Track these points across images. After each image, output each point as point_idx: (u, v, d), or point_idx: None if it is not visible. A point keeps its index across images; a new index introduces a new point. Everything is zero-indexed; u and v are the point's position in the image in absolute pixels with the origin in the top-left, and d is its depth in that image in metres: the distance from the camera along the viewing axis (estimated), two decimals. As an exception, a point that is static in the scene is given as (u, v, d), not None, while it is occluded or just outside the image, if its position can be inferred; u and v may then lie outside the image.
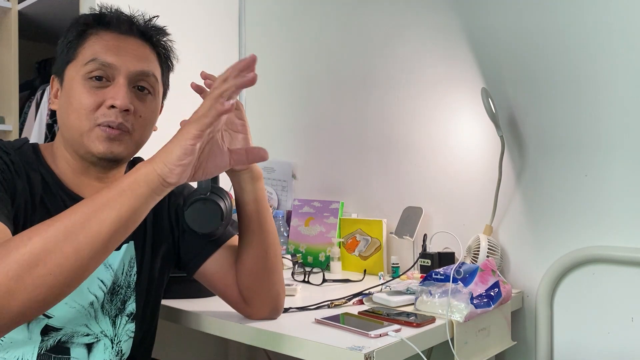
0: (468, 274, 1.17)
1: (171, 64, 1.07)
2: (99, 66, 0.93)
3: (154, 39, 1.01)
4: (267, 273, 1.03)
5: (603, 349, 1.30)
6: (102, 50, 0.94)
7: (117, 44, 0.96)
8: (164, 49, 1.04)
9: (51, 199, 0.92)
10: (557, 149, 1.39)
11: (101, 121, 0.92)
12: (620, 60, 1.29)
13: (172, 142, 0.78)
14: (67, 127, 0.94)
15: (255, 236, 1.01)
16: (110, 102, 0.92)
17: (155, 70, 1.00)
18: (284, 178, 2.01)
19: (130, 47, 0.97)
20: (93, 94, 0.93)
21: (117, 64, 0.94)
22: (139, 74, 0.96)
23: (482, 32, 1.53)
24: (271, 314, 1.07)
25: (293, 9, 2.03)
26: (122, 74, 0.94)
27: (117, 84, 0.93)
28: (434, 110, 1.62)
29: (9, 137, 2.22)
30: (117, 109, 0.92)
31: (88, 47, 0.95)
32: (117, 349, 0.99)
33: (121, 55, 0.95)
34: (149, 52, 1.00)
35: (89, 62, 0.93)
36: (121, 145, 0.95)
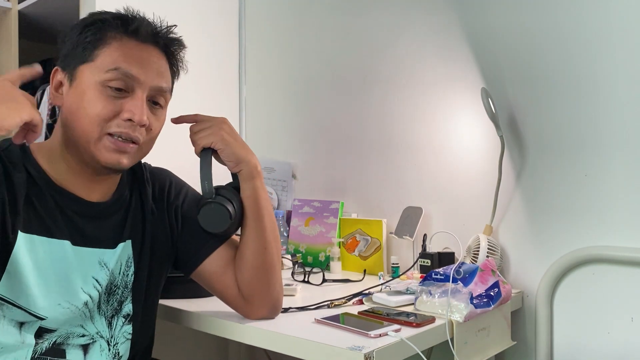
0: (468, 274, 1.17)
1: (178, 74, 1.06)
2: (121, 76, 0.91)
3: (171, 51, 1.00)
4: (266, 269, 1.04)
5: (603, 349, 1.30)
6: (125, 60, 0.91)
7: (140, 55, 0.93)
8: (177, 60, 1.03)
9: (39, 196, 0.91)
10: (557, 149, 1.39)
11: (114, 131, 0.91)
12: (620, 60, 1.29)
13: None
14: (74, 130, 0.92)
15: (253, 231, 1.04)
16: (128, 115, 0.91)
17: (170, 85, 1.00)
18: (284, 178, 2.01)
19: (152, 60, 0.95)
20: (110, 103, 0.91)
21: (141, 77, 0.92)
22: (158, 90, 0.96)
23: (482, 32, 1.53)
24: (270, 313, 1.07)
25: (293, 9, 2.03)
26: (142, 88, 0.93)
27: (136, 97, 0.92)
28: (434, 110, 1.62)
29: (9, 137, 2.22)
30: (135, 123, 0.91)
31: (109, 53, 0.92)
32: (114, 351, 0.98)
33: (144, 68, 0.93)
34: (166, 64, 0.99)
35: (110, 70, 0.91)
36: (129, 157, 0.94)
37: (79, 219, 0.95)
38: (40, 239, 0.90)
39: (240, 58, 2.18)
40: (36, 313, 0.89)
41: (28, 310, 0.88)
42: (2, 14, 2.24)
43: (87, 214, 0.96)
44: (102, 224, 0.98)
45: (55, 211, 0.92)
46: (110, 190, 1.01)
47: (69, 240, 0.93)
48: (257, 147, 2.12)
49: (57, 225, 0.92)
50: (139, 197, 1.05)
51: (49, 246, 0.91)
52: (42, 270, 0.90)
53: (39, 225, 0.90)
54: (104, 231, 0.98)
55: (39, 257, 0.89)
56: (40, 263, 0.89)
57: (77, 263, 0.93)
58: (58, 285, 0.91)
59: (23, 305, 0.88)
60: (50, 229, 0.91)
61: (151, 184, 1.08)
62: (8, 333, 0.88)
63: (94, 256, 0.96)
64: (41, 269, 0.89)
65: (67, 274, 0.92)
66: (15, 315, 0.88)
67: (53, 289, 0.91)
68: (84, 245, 0.94)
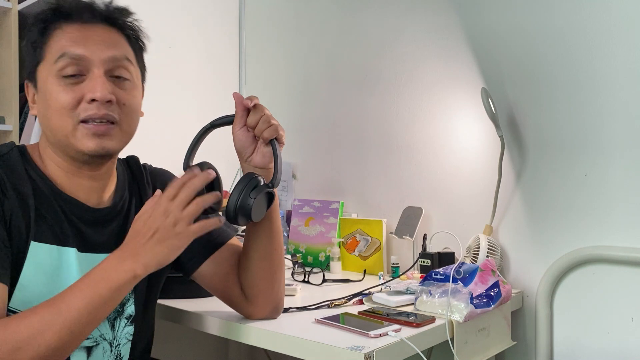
0: (468, 274, 1.17)
1: (142, 44, 1.02)
2: (70, 61, 0.89)
3: (119, 21, 0.97)
4: (273, 270, 1.04)
5: (603, 349, 1.30)
6: (69, 44, 0.90)
7: (83, 34, 0.91)
8: (132, 29, 0.98)
9: (45, 204, 0.90)
10: (557, 149, 1.39)
11: (83, 117, 0.89)
12: (620, 60, 1.29)
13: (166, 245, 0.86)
14: (51, 130, 0.91)
15: (266, 235, 1.02)
16: (90, 95, 0.88)
17: (128, 54, 0.95)
18: (284, 178, 2.01)
19: (97, 35, 0.92)
20: (70, 90, 0.89)
21: (88, 54, 0.90)
22: (112, 60, 0.92)
23: (482, 32, 1.53)
24: (272, 313, 1.07)
25: (293, 9, 2.03)
26: (95, 65, 0.90)
27: (92, 76, 0.90)
28: (434, 110, 1.62)
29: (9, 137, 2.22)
30: (99, 101, 0.89)
31: (54, 43, 0.91)
32: (116, 352, 0.98)
33: (89, 45, 0.90)
34: (117, 36, 0.95)
35: (58, 58, 0.89)
36: (112, 139, 0.92)
37: (82, 226, 0.94)
38: (51, 247, 0.89)
39: (240, 58, 2.18)
40: None
41: None
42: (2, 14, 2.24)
43: (89, 220, 0.96)
44: (104, 229, 0.98)
45: (62, 218, 0.92)
46: (108, 191, 1.00)
47: (76, 247, 0.93)
48: (257, 147, 2.13)
49: (64, 232, 0.92)
50: (139, 199, 1.05)
51: (58, 254, 0.90)
52: (52, 279, 0.89)
53: (49, 234, 0.90)
54: (106, 236, 0.97)
55: (49, 266, 0.89)
56: (50, 272, 0.89)
57: (82, 269, 0.92)
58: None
59: None
60: (59, 237, 0.91)
61: (152, 185, 1.08)
62: None
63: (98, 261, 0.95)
64: (50, 278, 0.89)
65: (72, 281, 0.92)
66: None
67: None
68: (88, 252, 0.94)
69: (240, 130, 1.02)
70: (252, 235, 1.03)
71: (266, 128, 0.99)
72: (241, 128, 1.02)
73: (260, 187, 0.97)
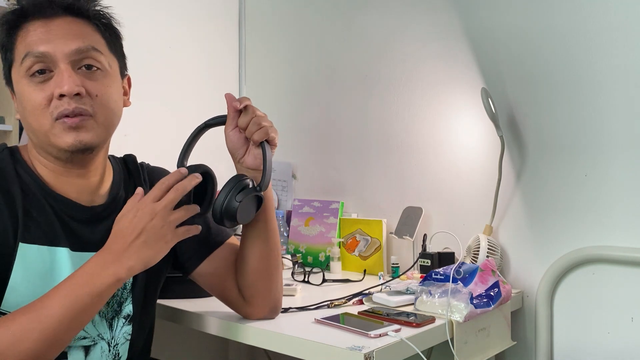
0: (468, 274, 1.17)
1: (116, 32, 0.98)
2: (34, 59, 0.88)
3: (84, 11, 0.93)
4: (270, 272, 1.03)
5: (603, 349, 1.30)
6: (32, 42, 0.89)
7: (45, 30, 0.90)
8: (100, 17, 0.95)
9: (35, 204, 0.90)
10: (557, 149, 1.39)
11: (56, 114, 0.88)
12: (620, 60, 1.29)
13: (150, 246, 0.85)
14: (32, 132, 0.91)
15: (263, 235, 1.02)
16: (57, 91, 0.87)
17: (96, 43, 0.93)
18: (284, 178, 2.01)
19: (59, 29, 0.90)
20: (40, 89, 0.88)
21: (50, 50, 0.88)
22: (76, 53, 0.90)
23: (482, 32, 1.52)
24: (270, 313, 1.07)
25: (293, 9, 2.03)
26: (59, 59, 0.89)
27: (59, 71, 0.88)
28: (434, 110, 1.62)
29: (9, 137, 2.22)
30: (67, 95, 0.87)
31: (19, 44, 0.90)
32: (114, 352, 0.98)
33: (51, 40, 0.89)
34: (83, 26, 0.92)
35: (23, 58, 0.88)
36: (88, 132, 0.90)
37: (75, 224, 0.94)
38: (41, 248, 0.89)
39: (240, 58, 2.18)
40: None
41: None
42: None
43: (82, 219, 0.95)
44: (98, 228, 0.96)
45: (53, 218, 0.91)
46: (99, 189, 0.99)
47: (68, 246, 0.92)
48: (257, 147, 2.13)
49: (55, 232, 0.91)
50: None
51: (49, 255, 0.90)
52: (45, 279, 0.88)
53: (38, 234, 0.89)
54: (100, 234, 0.96)
55: (41, 266, 0.88)
56: (43, 273, 0.89)
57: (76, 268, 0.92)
58: None
59: None
60: (50, 237, 0.90)
61: (149, 183, 1.08)
62: None
63: None
64: (44, 278, 0.88)
65: None
66: None
67: None
68: (82, 250, 0.93)
69: (232, 132, 1.01)
70: (247, 237, 1.03)
71: (256, 130, 0.98)
72: (233, 129, 1.01)
73: (248, 190, 0.96)
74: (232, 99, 1.00)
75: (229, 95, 1.01)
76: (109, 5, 0.97)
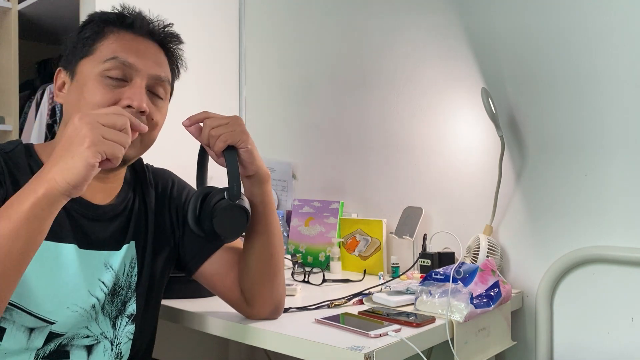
0: (468, 274, 1.17)
1: (178, 72, 1.06)
2: (119, 65, 0.92)
3: (169, 46, 1.01)
4: (271, 274, 1.03)
5: (603, 349, 1.30)
6: (123, 50, 0.93)
7: (137, 46, 0.95)
8: (176, 57, 1.04)
9: None
10: (557, 149, 1.39)
11: None
12: (620, 60, 1.29)
13: (72, 155, 0.74)
14: None
15: (263, 238, 1.02)
16: (127, 102, 0.91)
17: (169, 76, 1.01)
18: (284, 178, 2.01)
19: (149, 51, 0.97)
20: (109, 92, 0.91)
21: (139, 65, 0.93)
22: (156, 79, 0.96)
23: (482, 32, 1.53)
24: (272, 314, 1.07)
25: (293, 9, 2.03)
26: (140, 76, 0.93)
27: (134, 84, 0.93)
28: (434, 110, 1.62)
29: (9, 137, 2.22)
30: (134, 109, 0.91)
31: (107, 45, 0.94)
32: (117, 350, 0.98)
33: (141, 57, 0.94)
34: (164, 58, 1.00)
35: (108, 59, 0.92)
36: (133, 148, 0.93)
37: (84, 222, 0.95)
38: (48, 243, 0.89)
39: (240, 58, 2.18)
40: (46, 317, 0.89)
41: (38, 316, 0.88)
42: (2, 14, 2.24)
43: (92, 217, 0.96)
44: (107, 226, 0.98)
45: (62, 214, 0.91)
46: (114, 192, 1.01)
47: (76, 243, 0.93)
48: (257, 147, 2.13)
49: (64, 229, 0.92)
50: (142, 199, 1.05)
51: (57, 250, 0.90)
52: (51, 275, 0.89)
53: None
54: (108, 233, 0.97)
55: (47, 261, 0.89)
56: (49, 268, 0.89)
57: (83, 266, 0.93)
58: (66, 289, 0.91)
59: (33, 311, 0.88)
60: (58, 233, 0.91)
61: (154, 185, 1.09)
62: (15, 339, 0.88)
63: (99, 258, 0.96)
64: (49, 274, 0.89)
65: (74, 278, 0.92)
66: (25, 321, 0.88)
67: (61, 292, 0.90)
68: (89, 248, 0.94)
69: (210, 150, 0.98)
70: (249, 238, 1.03)
71: (214, 143, 0.95)
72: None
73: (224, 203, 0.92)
74: (186, 123, 0.98)
75: (184, 124, 0.98)
76: (183, 42, 1.05)
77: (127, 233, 1.00)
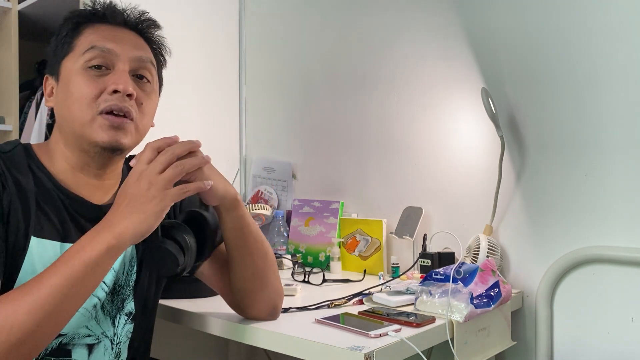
0: (468, 274, 1.17)
1: (163, 59, 1.06)
2: (99, 53, 0.92)
3: (147, 32, 1.01)
4: (257, 289, 1.02)
5: (603, 349, 1.30)
6: (100, 39, 0.93)
7: (114, 33, 0.96)
8: (156, 43, 1.04)
9: (48, 199, 0.91)
10: (557, 149, 1.39)
11: (103, 107, 0.90)
12: (621, 60, 1.29)
13: (141, 210, 0.81)
14: (67, 120, 0.93)
15: (241, 260, 1.00)
16: (112, 87, 0.91)
17: (152, 58, 1.00)
18: (284, 178, 2.01)
19: (125, 36, 0.97)
20: (94, 81, 0.91)
21: (117, 50, 0.93)
22: (138, 60, 0.96)
23: (482, 32, 1.53)
24: (269, 316, 1.07)
25: (293, 9, 2.03)
26: (122, 60, 0.93)
27: (117, 70, 0.93)
28: (434, 110, 1.62)
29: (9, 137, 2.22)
30: (121, 93, 0.91)
31: (84, 38, 0.94)
32: (117, 350, 0.98)
33: (119, 42, 0.94)
34: (144, 43, 1.00)
35: (87, 50, 0.92)
36: (126, 135, 0.93)
37: (84, 222, 0.94)
38: (52, 243, 0.89)
39: (240, 58, 2.18)
40: None
41: None
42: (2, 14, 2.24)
43: (92, 217, 0.95)
44: None
45: (64, 214, 0.92)
46: (112, 190, 1.01)
47: None
48: (257, 147, 2.13)
49: (66, 229, 0.92)
50: None
51: (60, 250, 0.90)
52: None
53: (50, 229, 0.89)
54: None
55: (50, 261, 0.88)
56: None
57: None
58: None
59: None
60: (61, 233, 0.91)
61: None
62: None
63: None
64: None
65: None
66: None
67: None
68: None
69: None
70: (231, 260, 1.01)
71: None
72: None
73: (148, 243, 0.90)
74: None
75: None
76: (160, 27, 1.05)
77: None
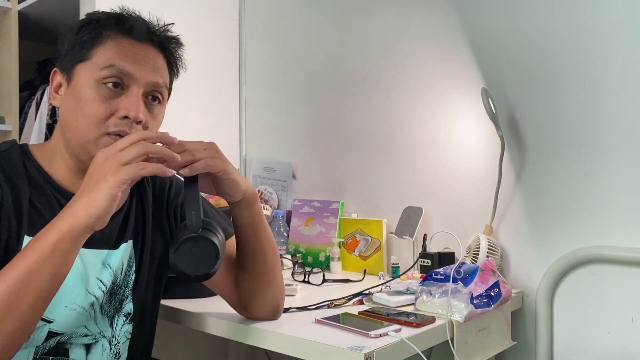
0: (468, 274, 1.17)
1: (177, 72, 1.05)
2: (116, 73, 0.91)
3: (169, 49, 1.00)
4: (264, 287, 1.03)
5: (603, 349, 1.30)
6: (120, 57, 0.92)
7: (135, 52, 0.93)
8: (175, 58, 1.03)
9: (42, 198, 0.91)
10: (557, 149, 1.39)
11: (112, 130, 0.90)
12: (620, 60, 1.29)
13: (92, 189, 0.79)
14: (72, 131, 0.92)
15: (253, 257, 1.01)
16: (124, 112, 0.90)
17: (167, 80, 0.99)
18: (284, 178, 2.01)
19: (147, 57, 0.95)
20: (106, 102, 0.90)
21: (136, 74, 0.92)
22: (154, 85, 0.95)
23: (482, 32, 1.53)
24: (271, 315, 1.07)
25: (293, 9, 2.03)
26: (137, 84, 0.92)
27: (131, 93, 0.92)
28: (434, 110, 1.62)
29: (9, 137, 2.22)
30: (131, 120, 0.90)
31: (105, 51, 0.92)
32: (115, 350, 0.98)
33: (139, 64, 0.93)
34: (163, 62, 0.99)
35: (105, 67, 0.91)
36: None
37: None
38: None
39: (240, 58, 2.18)
40: (44, 316, 0.88)
41: None
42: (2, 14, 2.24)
43: None
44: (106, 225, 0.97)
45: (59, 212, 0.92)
46: None
47: None
48: (257, 147, 2.13)
49: None
50: (140, 198, 1.05)
51: None
52: None
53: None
54: (106, 232, 0.96)
55: None
56: None
57: (82, 265, 0.93)
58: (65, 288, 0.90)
59: None
60: None
61: (151, 184, 1.08)
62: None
63: (98, 257, 0.96)
64: None
65: (73, 276, 0.91)
66: None
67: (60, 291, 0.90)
68: (87, 247, 0.94)
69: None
70: (240, 257, 1.02)
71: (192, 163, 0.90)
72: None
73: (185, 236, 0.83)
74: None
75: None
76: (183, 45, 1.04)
77: (125, 232, 1.00)
